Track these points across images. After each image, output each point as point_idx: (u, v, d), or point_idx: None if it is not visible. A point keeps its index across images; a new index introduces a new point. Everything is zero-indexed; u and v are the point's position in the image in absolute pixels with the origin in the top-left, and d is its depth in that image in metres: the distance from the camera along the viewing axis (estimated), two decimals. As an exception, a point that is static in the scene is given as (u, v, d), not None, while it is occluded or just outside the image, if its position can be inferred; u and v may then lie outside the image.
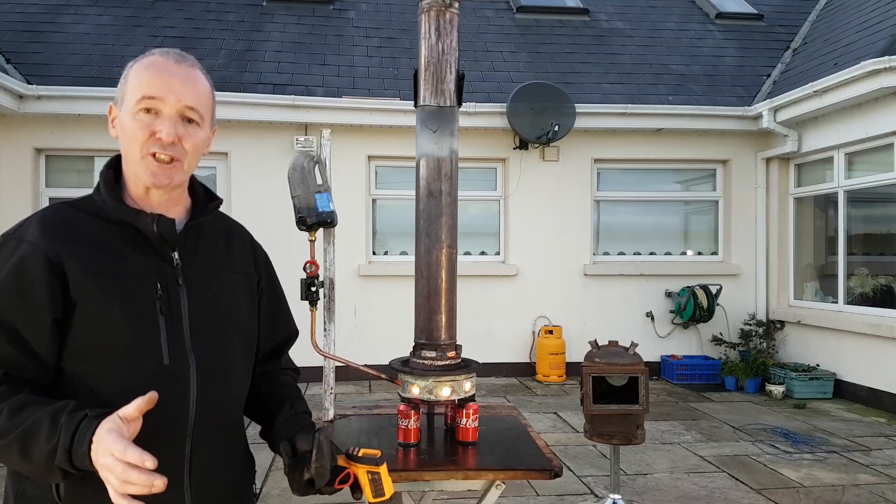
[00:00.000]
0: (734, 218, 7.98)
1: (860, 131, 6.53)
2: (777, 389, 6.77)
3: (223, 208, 1.44)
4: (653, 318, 7.79)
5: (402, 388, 2.11)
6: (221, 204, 1.42)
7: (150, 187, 1.26)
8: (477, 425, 2.11)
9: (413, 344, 2.22)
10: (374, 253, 7.65)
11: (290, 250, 4.04)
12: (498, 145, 7.61)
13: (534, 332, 7.63)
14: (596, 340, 3.38)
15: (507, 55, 8.29)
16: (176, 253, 1.28)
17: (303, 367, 1.74)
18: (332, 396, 2.42)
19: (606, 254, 8.01)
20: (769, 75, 8.18)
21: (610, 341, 3.36)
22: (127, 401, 1.07)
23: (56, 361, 1.18)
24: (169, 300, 1.24)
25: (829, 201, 7.32)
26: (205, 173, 7.28)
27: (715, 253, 8.15)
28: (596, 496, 4.04)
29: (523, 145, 7.55)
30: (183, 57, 1.27)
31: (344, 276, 7.01)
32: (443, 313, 2.17)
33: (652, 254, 8.08)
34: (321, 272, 2.32)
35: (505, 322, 7.59)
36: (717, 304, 7.53)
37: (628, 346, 3.26)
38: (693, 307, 7.42)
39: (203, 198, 1.40)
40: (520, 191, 7.63)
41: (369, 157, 7.53)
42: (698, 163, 8.09)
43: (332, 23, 8.54)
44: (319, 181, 2.33)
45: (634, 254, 8.07)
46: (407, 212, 7.36)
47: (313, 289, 2.25)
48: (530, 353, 7.63)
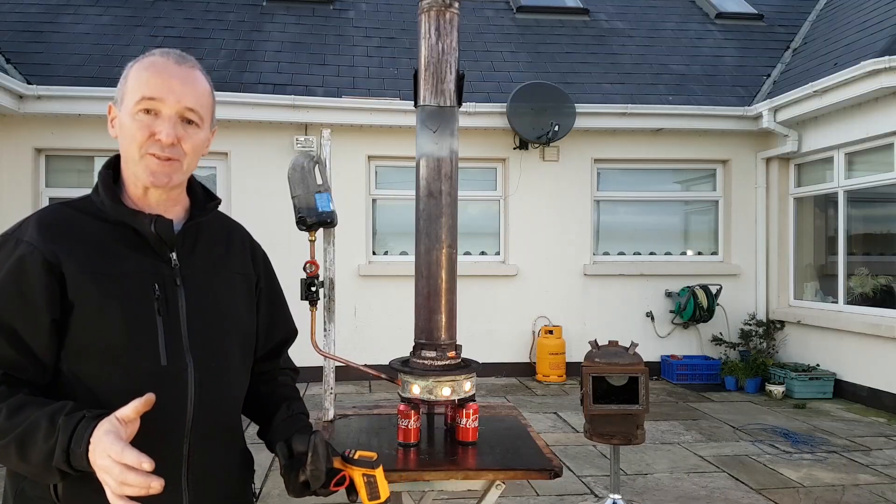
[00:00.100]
0: (734, 218, 7.97)
1: (860, 131, 6.53)
2: (777, 389, 6.77)
3: (223, 208, 1.43)
4: (653, 318, 7.79)
5: (402, 388, 2.11)
6: (220, 204, 1.41)
7: (149, 187, 1.25)
8: (477, 425, 2.11)
9: (413, 344, 2.21)
10: (374, 253, 7.65)
11: (290, 250, 4.05)
12: (498, 145, 7.61)
13: (534, 332, 7.63)
14: (596, 340, 3.38)
15: (507, 55, 8.29)
16: (174, 253, 1.27)
17: (303, 367, 1.74)
18: (332, 396, 2.42)
19: (606, 254, 8.01)
20: (769, 75, 8.17)
21: (610, 341, 3.36)
22: (125, 401, 1.07)
23: (54, 362, 1.18)
24: (167, 301, 1.24)
25: (829, 201, 7.32)
26: (205, 173, 7.28)
27: (715, 253, 8.15)
28: (596, 496, 4.04)
29: (523, 145, 7.54)
30: (183, 58, 1.27)
31: (344, 276, 7.01)
32: (443, 313, 2.17)
33: (652, 254, 8.08)
34: (321, 272, 2.32)
35: (505, 322, 7.59)
36: (717, 304, 7.53)
37: (628, 346, 3.26)
38: (693, 307, 7.42)
39: (202, 198, 1.39)
40: (520, 191, 7.63)
41: (369, 157, 7.53)
42: (698, 163, 8.09)
43: (332, 23, 8.54)
44: (319, 181, 2.33)
45: (634, 254, 8.07)
46: (407, 212, 7.36)
47: (313, 289, 2.25)
48: (530, 353, 7.63)
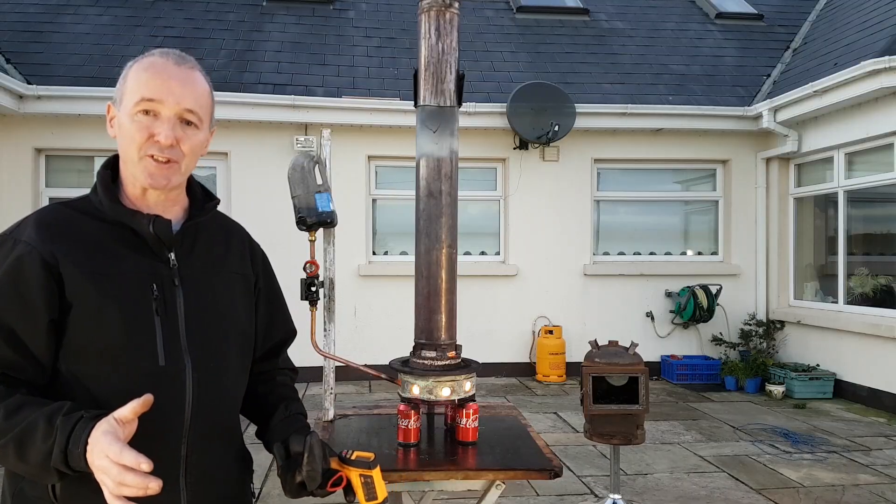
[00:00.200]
0: (734, 218, 7.97)
1: (860, 131, 6.52)
2: (777, 389, 6.77)
3: (223, 208, 1.43)
4: (653, 318, 7.78)
5: (402, 388, 2.10)
6: (219, 204, 1.41)
7: (148, 188, 1.25)
8: (477, 425, 2.10)
9: (413, 344, 2.21)
10: (374, 253, 7.65)
11: (290, 250, 4.05)
12: (498, 145, 7.61)
13: (534, 332, 7.63)
14: (596, 340, 3.38)
15: (507, 55, 8.29)
16: (172, 253, 1.27)
17: (303, 367, 1.74)
18: (332, 396, 2.42)
19: (606, 254, 8.01)
20: (769, 75, 8.17)
21: (610, 341, 3.35)
22: (123, 401, 1.07)
23: (52, 362, 1.18)
24: (165, 301, 1.23)
25: (829, 201, 7.32)
26: (205, 173, 7.28)
27: (715, 253, 8.15)
28: (596, 496, 4.03)
29: (523, 145, 7.54)
30: (183, 58, 1.26)
31: (344, 276, 7.01)
32: (443, 313, 2.17)
33: (652, 254, 8.08)
34: (321, 272, 2.31)
35: (505, 322, 7.59)
36: (717, 304, 7.53)
37: (628, 346, 3.26)
38: (693, 307, 7.42)
39: (201, 198, 1.39)
40: (520, 191, 7.63)
41: (369, 157, 7.52)
42: (698, 163, 8.09)
43: (332, 23, 8.53)
44: (319, 181, 2.32)
45: (634, 254, 8.07)
46: (407, 212, 7.36)
47: (313, 289, 2.25)
48: (530, 353, 7.63)
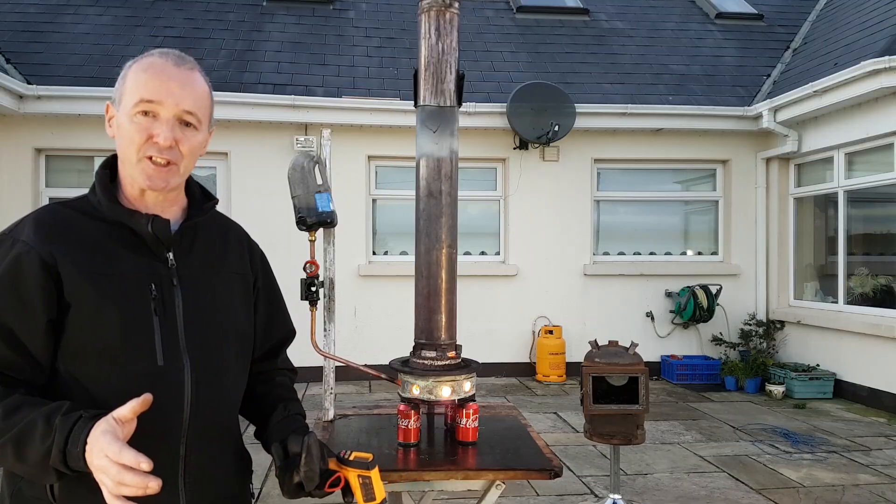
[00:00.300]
0: (734, 218, 7.97)
1: (860, 131, 6.52)
2: (777, 389, 6.77)
3: (223, 209, 1.43)
4: (653, 318, 7.78)
5: (402, 388, 2.10)
6: (217, 204, 1.41)
7: (146, 190, 1.25)
8: (477, 425, 2.10)
9: (413, 344, 2.21)
10: (374, 253, 7.65)
11: (290, 250, 4.05)
12: (498, 145, 7.60)
13: (534, 332, 7.63)
14: (596, 340, 3.37)
15: (507, 55, 8.29)
16: (171, 253, 1.27)
17: (303, 367, 1.74)
18: (332, 396, 2.42)
19: (606, 254, 8.01)
20: (769, 75, 8.17)
21: (610, 341, 3.35)
22: (122, 401, 1.06)
23: (51, 362, 1.18)
24: (163, 301, 1.23)
25: (829, 201, 7.32)
26: (204, 173, 7.28)
27: (715, 253, 8.15)
28: (596, 496, 4.03)
29: (523, 145, 7.54)
30: (182, 59, 1.26)
31: (344, 276, 7.01)
32: (443, 313, 2.17)
33: (652, 254, 8.08)
34: (321, 272, 2.31)
35: (505, 322, 7.59)
36: (717, 304, 7.53)
37: (628, 346, 3.25)
38: (693, 307, 7.42)
39: (199, 198, 1.39)
40: (520, 191, 7.62)
41: (369, 157, 7.52)
42: (698, 163, 8.09)
43: (332, 23, 8.53)
44: (319, 181, 2.32)
45: (634, 254, 8.07)
46: (407, 212, 7.35)
47: (313, 289, 2.25)
48: (530, 353, 7.63)
